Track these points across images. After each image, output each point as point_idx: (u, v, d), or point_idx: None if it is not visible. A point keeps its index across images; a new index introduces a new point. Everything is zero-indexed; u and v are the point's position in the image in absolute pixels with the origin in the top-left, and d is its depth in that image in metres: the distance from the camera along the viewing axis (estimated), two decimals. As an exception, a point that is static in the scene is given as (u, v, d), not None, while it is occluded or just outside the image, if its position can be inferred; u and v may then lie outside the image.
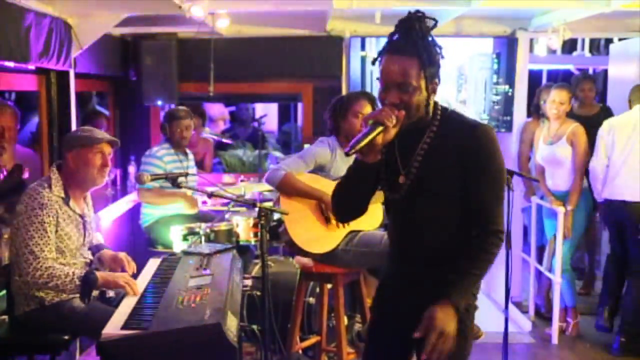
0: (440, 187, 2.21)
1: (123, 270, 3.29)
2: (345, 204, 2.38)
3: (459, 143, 2.17)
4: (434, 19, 2.17)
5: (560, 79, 8.15)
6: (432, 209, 2.23)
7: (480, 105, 5.88)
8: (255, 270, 4.44)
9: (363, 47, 5.70)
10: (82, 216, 3.34)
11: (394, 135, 2.13)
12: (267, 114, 7.66)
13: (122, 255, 3.39)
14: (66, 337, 3.19)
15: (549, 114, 4.95)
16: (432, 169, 2.20)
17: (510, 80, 5.76)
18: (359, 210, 2.40)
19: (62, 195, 3.23)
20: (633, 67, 5.62)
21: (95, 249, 3.49)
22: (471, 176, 2.17)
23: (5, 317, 3.32)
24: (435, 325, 2.08)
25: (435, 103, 2.24)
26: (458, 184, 2.19)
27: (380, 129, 2.08)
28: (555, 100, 4.86)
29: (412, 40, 2.13)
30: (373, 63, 2.23)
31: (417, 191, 2.22)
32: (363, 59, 5.69)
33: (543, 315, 5.38)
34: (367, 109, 3.62)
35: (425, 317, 2.11)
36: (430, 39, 2.15)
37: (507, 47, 5.73)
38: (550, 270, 5.05)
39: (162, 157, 4.88)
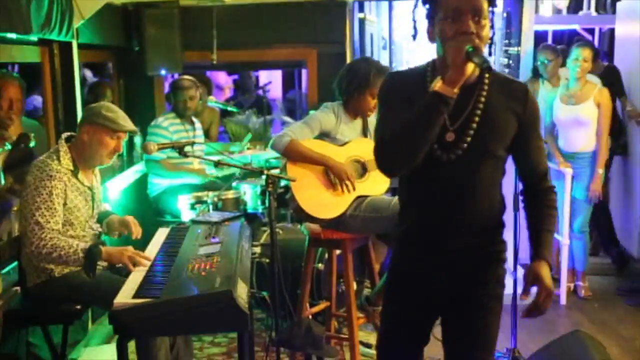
0: (497, 149, 2.14)
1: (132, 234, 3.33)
2: (407, 150, 2.05)
3: (515, 104, 2.13)
4: None
5: (566, 39, 8.05)
6: (488, 172, 2.15)
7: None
8: (264, 237, 4.46)
9: (361, 9, 5.60)
10: (90, 188, 3.35)
11: (472, 71, 1.98)
12: (272, 81, 7.61)
13: (130, 218, 3.40)
14: (78, 307, 3.22)
15: (574, 73, 4.84)
16: (490, 129, 2.11)
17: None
18: (417, 159, 2.07)
19: (71, 167, 3.24)
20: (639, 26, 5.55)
21: (101, 215, 3.50)
22: (526, 137, 2.16)
23: (17, 288, 3.35)
24: (544, 284, 2.11)
25: None
26: (509, 146, 2.16)
27: (477, 53, 1.94)
28: (578, 58, 4.79)
29: None
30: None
31: (476, 152, 2.11)
32: (362, 22, 5.60)
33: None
34: None
35: (530, 276, 2.13)
36: None
37: (518, 5, 5.47)
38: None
39: (168, 127, 4.88)
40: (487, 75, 2.11)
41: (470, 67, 1.95)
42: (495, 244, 2.23)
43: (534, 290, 2.14)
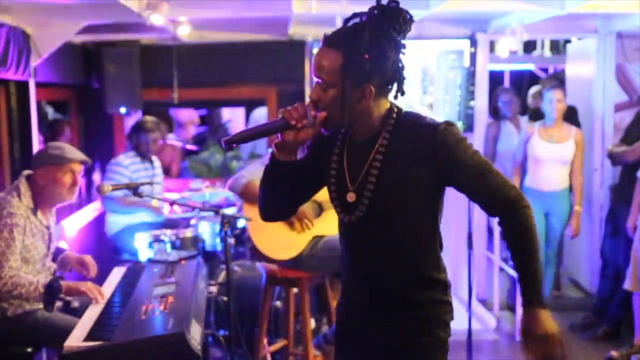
0: (407, 204, 1.95)
1: (88, 273, 3.32)
2: (264, 202, 2.12)
3: (421, 148, 1.91)
4: (400, 11, 1.88)
5: (526, 79, 8.28)
6: (403, 231, 1.98)
7: (453, 111, 5.61)
8: (222, 276, 4.45)
9: (315, 44, 5.67)
10: (47, 227, 3.33)
11: (309, 137, 1.93)
12: (232, 119, 7.66)
13: (88, 258, 3.40)
14: (29, 350, 3.17)
15: (552, 114, 4.94)
16: (393, 184, 1.94)
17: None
18: (280, 211, 2.15)
19: (31, 205, 3.23)
20: (589, 67, 5.74)
21: (56, 252, 3.48)
22: (459, 173, 1.92)
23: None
24: (536, 336, 1.87)
25: (391, 108, 1.98)
26: (426, 197, 1.97)
27: (284, 124, 1.91)
28: (552, 100, 4.94)
29: (344, 32, 1.89)
30: None
31: (381, 211, 1.96)
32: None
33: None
34: None
35: (521, 333, 1.90)
36: (374, 35, 1.85)
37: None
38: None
39: (128, 166, 4.88)
40: (391, 126, 1.96)
41: (288, 135, 1.92)
42: (429, 308, 2.02)
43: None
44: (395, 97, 1.99)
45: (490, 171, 1.94)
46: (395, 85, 1.96)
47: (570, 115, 5.46)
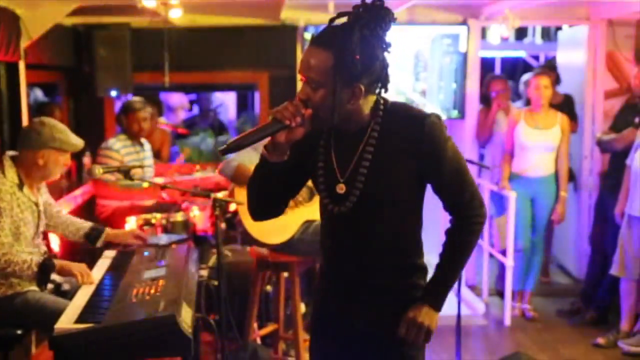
0: (395, 195, 1.98)
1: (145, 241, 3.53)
2: (257, 203, 2.09)
3: (410, 139, 1.94)
4: (386, 12, 1.89)
5: (520, 68, 8.31)
6: (392, 220, 2.00)
7: (447, 98, 5.64)
8: (213, 260, 4.45)
9: (306, 29, 5.66)
10: (36, 204, 3.33)
11: (301, 135, 1.90)
12: (223, 103, 7.65)
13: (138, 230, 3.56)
14: (19, 332, 3.16)
15: (537, 101, 4.95)
16: (383, 175, 1.96)
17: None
18: (272, 210, 2.13)
19: (16, 181, 3.22)
20: (580, 54, 5.76)
21: (96, 231, 3.58)
22: (436, 168, 1.97)
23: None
24: (417, 324, 2.01)
25: (377, 100, 1.99)
26: (414, 186, 2.01)
27: (278, 125, 1.86)
28: (539, 86, 4.94)
29: (333, 32, 1.89)
30: None
31: (371, 202, 1.97)
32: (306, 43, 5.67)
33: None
34: None
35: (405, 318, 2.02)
36: (363, 35, 1.85)
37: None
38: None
39: (119, 149, 4.87)
40: (379, 118, 1.98)
41: (280, 136, 1.87)
42: (414, 289, 2.07)
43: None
44: (379, 93, 1.99)
45: (466, 176, 2.02)
46: (380, 84, 1.96)
47: (567, 104, 5.48)
